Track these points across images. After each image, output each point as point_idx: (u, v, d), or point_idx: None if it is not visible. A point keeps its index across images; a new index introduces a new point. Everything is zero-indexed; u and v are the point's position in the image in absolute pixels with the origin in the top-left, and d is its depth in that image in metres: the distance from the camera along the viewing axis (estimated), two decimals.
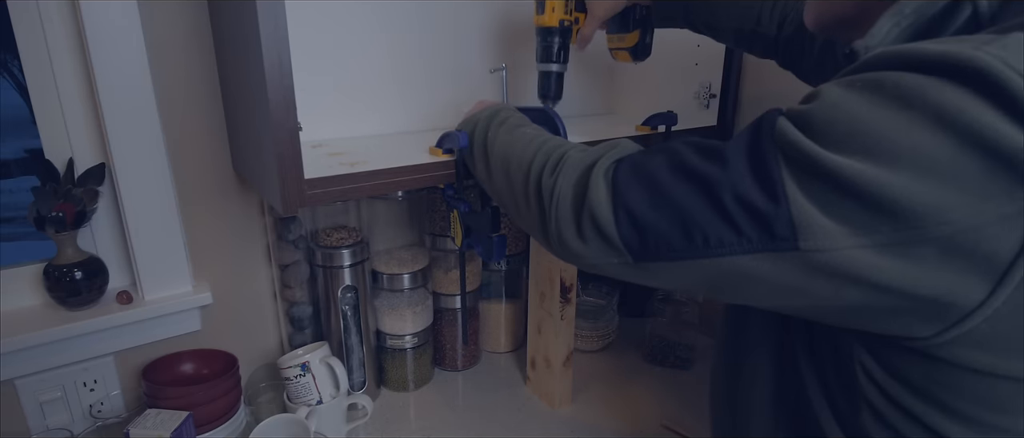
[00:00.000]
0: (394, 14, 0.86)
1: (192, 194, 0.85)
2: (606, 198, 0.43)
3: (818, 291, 0.36)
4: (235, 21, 0.64)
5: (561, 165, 0.49)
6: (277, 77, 0.54)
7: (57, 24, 0.74)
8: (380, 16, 0.85)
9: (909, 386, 0.38)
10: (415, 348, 0.99)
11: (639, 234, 0.41)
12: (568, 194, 0.47)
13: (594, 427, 0.93)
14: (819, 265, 0.34)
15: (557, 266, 0.88)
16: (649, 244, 0.41)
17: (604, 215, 0.43)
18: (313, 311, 0.93)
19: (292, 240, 0.88)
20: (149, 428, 0.71)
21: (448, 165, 0.70)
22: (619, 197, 0.43)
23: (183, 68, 0.80)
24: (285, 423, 0.80)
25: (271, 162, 0.57)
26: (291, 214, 0.84)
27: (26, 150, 1.32)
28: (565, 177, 0.48)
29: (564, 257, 0.49)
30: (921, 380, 0.38)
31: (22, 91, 0.77)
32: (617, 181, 0.44)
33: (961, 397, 0.37)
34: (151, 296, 0.84)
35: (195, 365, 0.86)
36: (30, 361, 0.78)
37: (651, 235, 0.41)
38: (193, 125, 0.83)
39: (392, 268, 0.96)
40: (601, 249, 0.44)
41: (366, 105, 0.88)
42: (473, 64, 0.94)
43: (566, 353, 0.95)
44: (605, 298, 1.13)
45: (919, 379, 0.38)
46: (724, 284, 0.40)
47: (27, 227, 0.76)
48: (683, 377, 1.07)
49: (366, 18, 0.84)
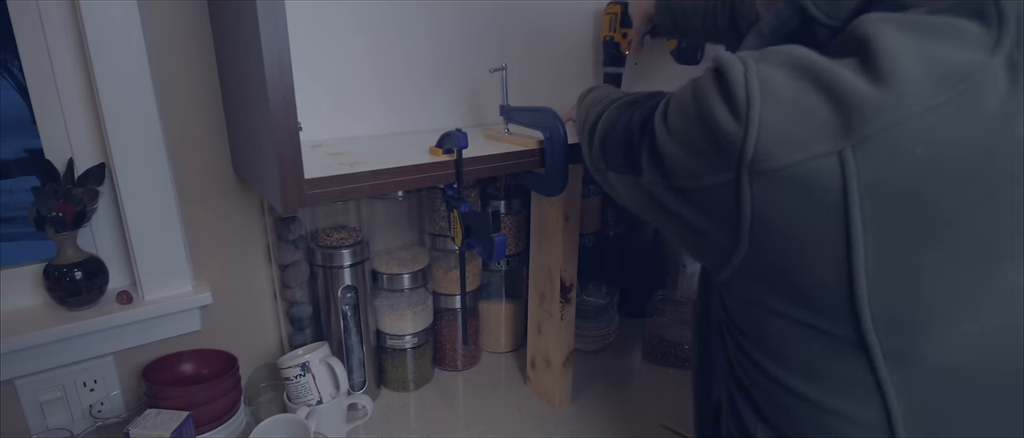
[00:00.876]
0: (394, 14, 0.86)
1: (192, 194, 0.85)
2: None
3: (649, 207, 0.51)
4: (235, 21, 0.64)
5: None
6: (277, 77, 0.54)
7: (57, 24, 0.74)
8: (380, 16, 0.85)
9: (732, 322, 0.50)
10: (415, 348, 0.99)
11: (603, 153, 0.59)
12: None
13: (594, 427, 0.93)
14: (645, 191, 0.50)
15: (557, 266, 0.88)
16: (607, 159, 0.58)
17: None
18: (313, 311, 0.93)
19: (292, 240, 0.88)
20: (149, 428, 0.71)
21: (448, 165, 0.70)
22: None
23: (183, 68, 0.80)
24: (285, 423, 0.80)
25: (271, 162, 0.57)
26: (291, 214, 0.85)
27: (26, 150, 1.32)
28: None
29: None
30: (737, 310, 0.49)
31: (22, 91, 0.77)
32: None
33: (755, 329, 0.47)
34: (151, 296, 0.84)
35: (195, 365, 0.86)
36: (30, 361, 0.78)
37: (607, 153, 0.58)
38: (193, 125, 0.83)
39: (392, 268, 0.96)
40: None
41: (366, 105, 0.88)
42: (473, 64, 0.94)
43: (566, 353, 0.95)
44: (605, 298, 1.13)
45: (736, 309, 0.49)
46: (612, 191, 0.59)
47: (27, 227, 0.76)
48: (683, 377, 1.07)
49: (366, 18, 0.84)
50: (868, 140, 0.36)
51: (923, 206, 0.37)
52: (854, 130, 0.36)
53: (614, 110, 0.58)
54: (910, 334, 0.40)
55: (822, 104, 0.37)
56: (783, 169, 0.38)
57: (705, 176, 0.42)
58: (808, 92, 0.38)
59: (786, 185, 0.38)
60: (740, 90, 0.39)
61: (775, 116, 0.38)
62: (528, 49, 1.00)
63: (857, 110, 0.36)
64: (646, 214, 0.54)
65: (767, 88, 0.39)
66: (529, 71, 1.00)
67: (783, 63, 0.39)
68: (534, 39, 1.00)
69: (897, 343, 0.40)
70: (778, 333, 0.45)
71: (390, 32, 0.86)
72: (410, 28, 0.88)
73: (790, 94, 0.38)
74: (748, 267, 0.44)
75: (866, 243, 0.38)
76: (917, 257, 0.38)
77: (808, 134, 0.37)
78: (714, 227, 0.44)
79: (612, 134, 0.56)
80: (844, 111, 0.37)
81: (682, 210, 0.46)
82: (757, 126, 0.38)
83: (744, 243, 0.42)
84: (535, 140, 0.78)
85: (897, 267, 0.39)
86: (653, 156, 0.48)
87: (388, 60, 0.88)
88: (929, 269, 0.39)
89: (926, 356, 0.41)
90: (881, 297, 0.39)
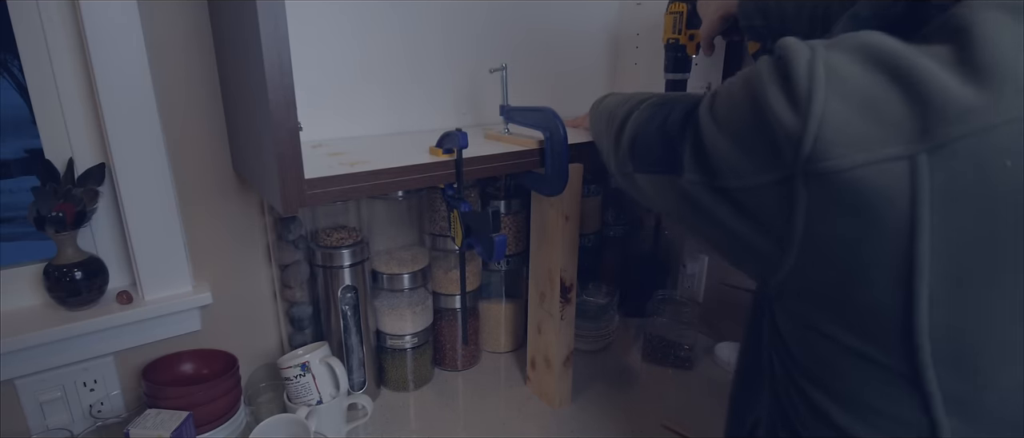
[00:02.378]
0: (394, 14, 0.86)
1: (192, 194, 0.85)
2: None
3: (686, 209, 0.47)
4: (235, 21, 0.64)
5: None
6: (277, 77, 0.54)
7: (57, 24, 0.74)
8: (380, 16, 0.85)
9: (780, 338, 0.46)
10: (415, 348, 0.99)
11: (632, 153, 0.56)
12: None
13: (594, 427, 0.93)
14: (683, 192, 0.46)
15: (557, 266, 0.88)
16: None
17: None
18: (313, 311, 0.93)
19: (292, 240, 0.88)
20: (149, 428, 0.71)
21: (448, 165, 0.70)
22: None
23: (183, 68, 0.80)
24: (285, 423, 0.80)
25: (271, 162, 0.57)
26: (291, 214, 0.84)
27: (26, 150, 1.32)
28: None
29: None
30: (786, 326, 0.45)
31: (22, 91, 0.77)
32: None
33: (801, 350, 0.43)
34: (151, 296, 0.84)
35: (195, 365, 0.86)
36: (30, 361, 0.78)
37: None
38: (193, 125, 0.83)
39: (392, 268, 0.96)
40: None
41: (366, 105, 0.88)
42: (473, 64, 0.95)
43: (566, 353, 0.95)
44: (605, 298, 1.13)
45: (784, 325, 0.45)
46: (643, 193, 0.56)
47: (27, 227, 0.76)
48: (683, 377, 1.07)
49: (366, 18, 0.84)
50: (947, 145, 0.31)
51: (1005, 228, 0.32)
52: (932, 133, 0.31)
53: (645, 109, 0.55)
54: (974, 376, 0.35)
55: (898, 100, 0.33)
56: (843, 172, 0.33)
57: (754, 175, 0.38)
58: (882, 85, 0.33)
59: (845, 190, 0.33)
60: (803, 79, 0.34)
61: (840, 110, 0.33)
62: (528, 49, 1.00)
63: (939, 110, 0.31)
64: (679, 217, 0.51)
65: (834, 78, 0.34)
66: (530, 71, 1.00)
67: (857, 50, 0.35)
68: (534, 39, 1.00)
69: (958, 384, 0.35)
70: (825, 358, 0.41)
71: (390, 32, 0.86)
72: (410, 28, 0.88)
73: (860, 86, 0.34)
74: (795, 281, 0.39)
75: (932, 265, 0.33)
76: (991, 288, 0.33)
77: (877, 134, 0.33)
78: (758, 234, 0.39)
79: (644, 134, 0.53)
80: (923, 110, 0.32)
81: (724, 214, 0.42)
82: (818, 120, 0.34)
83: (792, 253, 0.37)
84: (535, 140, 0.78)
85: (966, 296, 0.34)
86: (697, 153, 0.43)
87: (388, 60, 0.88)
88: (1005, 303, 0.33)
89: (990, 405, 0.36)
90: (944, 329, 0.34)
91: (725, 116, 0.41)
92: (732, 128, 0.40)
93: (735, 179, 0.40)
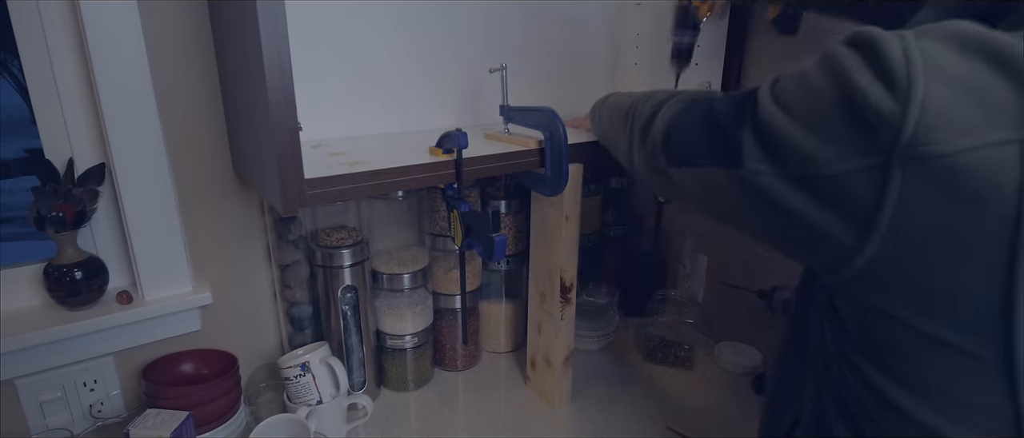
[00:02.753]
0: (394, 14, 0.86)
1: (192, 194, 0.85)
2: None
3: (740, 200, 0.46)
4: (235, 21, 0.64)
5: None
6: (277, 77, 0.54)
7: (57, 24, 0.74)
8: (380, 16, 0.85)
9: (842, 326, 0.45)
10: (415, 348, 0.99)
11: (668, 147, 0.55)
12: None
13: (594, 427, 0.93)
14: (740, 183, 0.45)
15: (557, 266, 0.88)
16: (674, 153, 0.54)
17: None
18: (313, 311, 0.93)
19: (292, 240, 0.88)
20: (149, 428, 0.71)
21: (448, 165, 0.70)
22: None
23: (183, 68, 0.80)
24: (285, 423, 0.80)
25: (271, 162, 0.57)
26: (291, 214, 0.84)
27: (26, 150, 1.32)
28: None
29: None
30: (850, 315, 0.44)
31: (22, 91, 0.77)
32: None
33: (868, 338, 0.43)
34: (151, 296, 0.84)
35: (195, 365, 0.86)
36: (30, 361, 0.78)
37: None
38: (193, 125, 0.83)
39: (392, 268, 0.96)
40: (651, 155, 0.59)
41: (366, 105, 0.88)
42: (473, 64, 0.94)
43: (566, 353, 0.95)
44: (605, 298, 1.13)
45: (849, 314, 0.44)
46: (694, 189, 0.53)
47: (27, 227, 0.76)
48: (683, 377, 1.07)
49: (366, 18, 0.84)
50: None
51: None
52: None
53: (677, 103, 0.55)
54: None
55: (1001, 84, 0.33)
56: (946, 156, 0.33)
57: (839, 162, 0.37)
58: (983, 71, 0.33)
59: (946, 175, 0.33)
60: (899, 66, 0.34)
61: (942, 96, 0.33)
62: (527, 49, 0.99)
63: None
64: (726, 210, 0.49)
65: (932, 64, 0.34)
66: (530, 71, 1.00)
67: (951, 39, 0.34)
68: (534, 39, 1.00)
69: None
70: (898, 345, 0.40)
71: (390, 32, 0.86)
72: (410, 28, 0.88)
73: (960, 72, 0.33)
74: (875, 269, 0.38)
75: None
76: None
77: (981, 118, 0.32)
78: (837, 221, 0.39)
79: (681, 126, 0.52)
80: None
81: (797, 202, 0.41)
82: (919, 106, 0.33)
83: (875, 241, 0.37)
84: (535, 140, 0.78)
85: None
86: (763, 142, 0.43)
87: (388, 60, 0.88)
88: None
89: None
90: None
91: (798, 104, 0.40)
92: (809, 116, 0.39)
93: (811, 167, 0.39)
